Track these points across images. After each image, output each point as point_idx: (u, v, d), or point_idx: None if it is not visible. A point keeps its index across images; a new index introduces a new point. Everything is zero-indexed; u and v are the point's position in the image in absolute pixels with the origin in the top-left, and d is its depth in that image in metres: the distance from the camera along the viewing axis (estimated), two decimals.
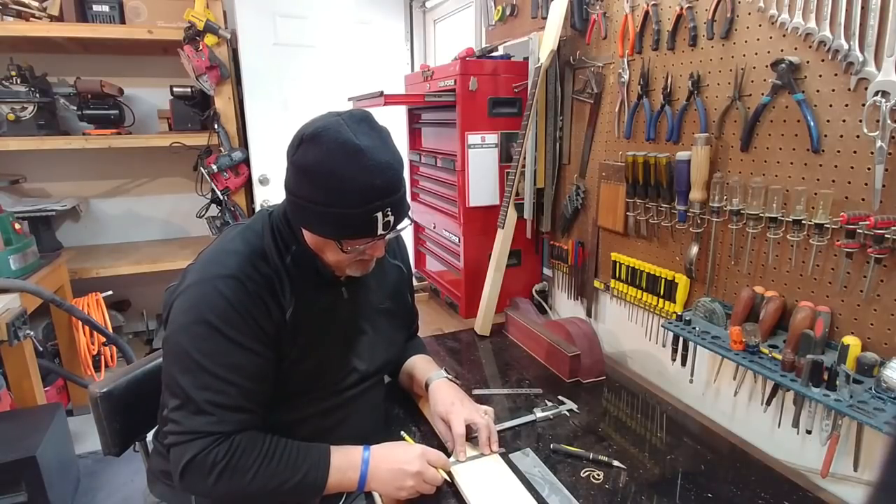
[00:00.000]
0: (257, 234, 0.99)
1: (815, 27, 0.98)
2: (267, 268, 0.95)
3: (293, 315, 0.96)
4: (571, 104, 1.73)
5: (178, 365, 0.90)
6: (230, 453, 0.88)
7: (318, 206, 0.89)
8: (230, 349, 0.90)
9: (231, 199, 2.77)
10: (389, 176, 0.89)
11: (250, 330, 0.91)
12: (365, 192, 0.87)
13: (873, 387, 0.91)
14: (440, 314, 2.01)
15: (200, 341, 0.89)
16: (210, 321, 0.89)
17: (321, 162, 0.86)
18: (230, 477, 0.88)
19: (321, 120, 0.89)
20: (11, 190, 2.85)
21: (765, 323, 1.09)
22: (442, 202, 2.04)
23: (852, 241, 0.93)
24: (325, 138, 0.86)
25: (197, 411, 0.88)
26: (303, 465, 0.92)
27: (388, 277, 1.18)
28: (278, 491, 0.91)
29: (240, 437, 0.90)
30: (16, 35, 2.41)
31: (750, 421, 1.21)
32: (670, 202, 1.32)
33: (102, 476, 2.22)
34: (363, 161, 0.85)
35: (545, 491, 0.99)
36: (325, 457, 0.94)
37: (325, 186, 0.87)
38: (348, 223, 0.89)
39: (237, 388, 0.90)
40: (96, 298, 2.53)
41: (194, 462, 0.87)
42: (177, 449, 0.89)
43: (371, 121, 0.91)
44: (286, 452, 0.92)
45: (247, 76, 2.70)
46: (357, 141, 0.85)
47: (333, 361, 1.05)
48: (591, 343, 1.44)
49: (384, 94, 1.75)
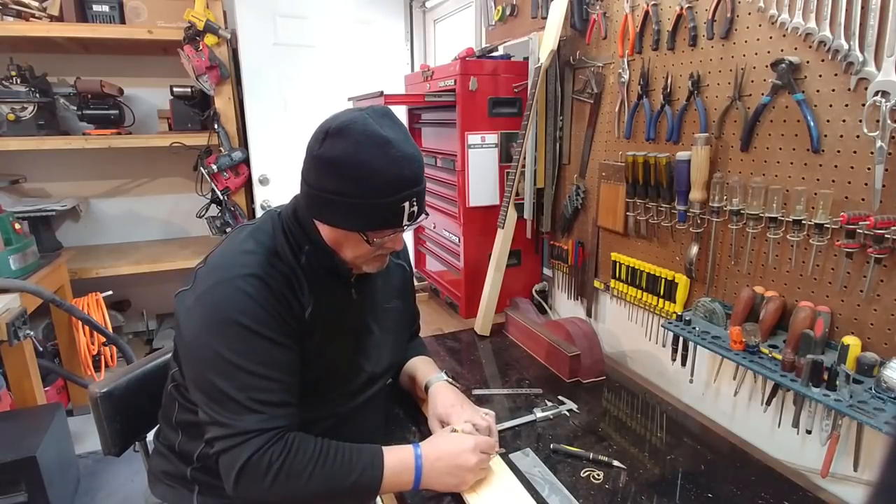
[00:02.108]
0: (268, 234, 0.98)
1: (815, 27, 0.97)
2: (284, 266, 0.95)
3: (311, 314, 0.96)
4: (571, 104, 1.73)
5: (214, 369, 0.87)
6: (285, 452, 0.86)
7: (346, 199, 0.89)
8: (264, 346, 0.89)
9: (231, 199, 2.77)
10: (416, 166, 0.91)
11: (279, 326, 0.91)
12: (395, 182, 0.88)
13: (873, 387, 0.91)
14: (440, 314, 2.01)
15: (234, 342, 0.87)
16: (240, 321, 0.87)
17: (351, 154, 0.86)
18: (286, 478, 0.86)
19: (345, 115, 0.90)
20: (11, 190, 2.85)
21: (765, 323, 1.09)
22: (442, 202, 2.04)
23: (852, 241, 0.93)
24: (352, 131, 0.87)
25: (244, 411, 0.86)
26: (357, 465, 0.90)
27: (393, 277, 1.19)
28: (334, 492, 0.89)
29: (292, 435, 0.89)
30: (16, 35, 2.41)
31: (750, 421, 1.21)
32: (670, 202, 1.32)
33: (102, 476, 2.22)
34: (392, 152, 0.87)
35: (545, 491, 0.99)
36: (378, 457, 0.92)
37: (356, 178, 0.87)
38: (377, 214, 0.90)
39: (279, 383, 0.89)
40: (96, 298, 2.53)
41: (249, 464, 0.84)
42: (229, 454, 0.86)
43: (393, 116, 0.93)
44: (339, 452, 0.91)
45: (247, 76, 2.70)
46: (385, 133, 0.87)
47: (343, 361, 1.05)
48: (591, 343, 1.44)
49: (384, 94, 1.75)
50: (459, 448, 0.97)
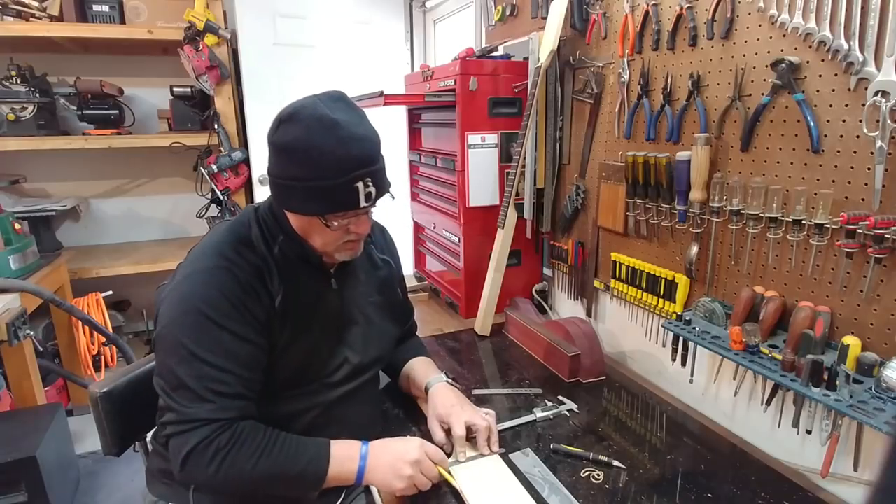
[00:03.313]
0: (244, 225, 1.01)
1: (815, 27, 0.98)
2: (254, 256, 0.97)
3: (282, 302, 0.98)
4: (571, 104, 1.73)
5: (173, 356, 0.90)
6: (232, 441, 0.88)
7: (300, 183, 0.91)
8: (225, 338, 0.91)
9: (231, 199, 2.77)
10: (367, 146, 0.92)
11: (242, 318, 0.93)
12: (345, 163, 0.89)
13: (873, 387, 0.91)
14: (440, 314, 2.01)
15: (194, 331, 0.90)
16: (202, 310, 0.90)
17: (300, 138, 0.89)
18: (232, 465, 0.88)
19: (299, 101, 0.92)
20: (11, 190, 2.85)
21: (765, 323, 1.09)
22: (442, 202, 2.04)
23: (852, 241, 0.93)
24: (302, 115, 0.89)
25: (197, 399, 0.89)
26: (304, 455, 0.93)
27: (378, 272, 1.20)
28: (279, 480, 0.91)
29: (242, 424, 0.91)
30: (16, 35, 2.41)
31: (750, 421, 1.21)
32: (670, 202, 1.32)
33: (102, 476, 2.22)
34: (340, 133, 0.89)
35: (545, 491, 0.99)
36: (325, 448, 0.95)
37: (306, 161, 0.90)
38: (331, 196, 0.92)
39: (234, 375, 0.91)
40: (96, 298, 2.53)
41: (196, 450, 0.87)
42: (178, 438, 0.89)
43: (347, 99, 0.95)
44: (287, 442, 0.93)
45: (247, 76, 2.70)
46: (334, 115, 0.89)
47: (323, 351, 1.06)
48: (591, 343, 1.44)
49: (384, 94, 1.75)
50: (405, 446, 0.98)
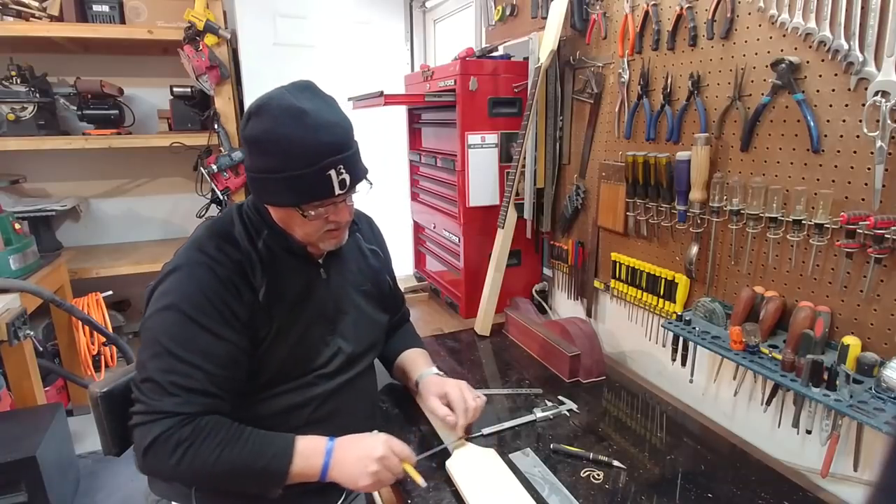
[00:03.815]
0: (227, 222, 1.02)
1: (815, 27, 0.98)
2: (237, 252, 0.97)
3: (266, 295, 0.97)
4: (571, 104, 1.73)
5: (148, 350, 0.92)
6: (194, 434, 0.89)
7: (273, 175, 0.91)
8: (197, 334, 0.91)
9: (231, 199, 2.76)
10: (337, 133, 0.92)
11: (220, 315, 0.93)
12: (313, 151, 0.89)
13: (873, 387, 0.91)
14: (440, 314, 2.01)
15: (169, 326, 0.91)
16: (179, 306, 0.91)
17: (268, 130, 0.89)
18: (194, 457, 0.88)
19: (266, 94, 0.92)
20: (11, 190, 2.85)
21: (765, 323, 1.09)
22: (442, 202, 2.04)
23: (852, 241, 0.93)
24: (270, 107, 0.89)
25: (162, 393, 0.89)
26: (268, 450, 0.92)
27: (367, 260, 1.20)
28: (242, 474, 0.91)
29: (206, 419, 0.91)
30: (16, 35, 2.41)
31: (750, 421, 1.21)
32: (670, 202, 1.32)
33: (102, 476, 2.22)
34: (308, 121, 0.88)
35: (545, 491, 0.99)
36: (290, 443, 0.94)
37: (276, 152, 0.90)
38: (304, 185, 0.92)
39: (203, 372, 0.91)
40: (96, 298, 2.53)
41: (158, 441, 0.88)
42: (141, 428, 0.90)
43: (314, 88, 0.95)
44: (251, 438, 0.93)
45: (247, 76, 2.70)
46: (300, 104, 0.89)
47: (313, 341, 1.05)
48: (591, 343, 1.44)
49: (384, 94, 1.75)
50: (371, 442, 0.96)
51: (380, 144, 2.76)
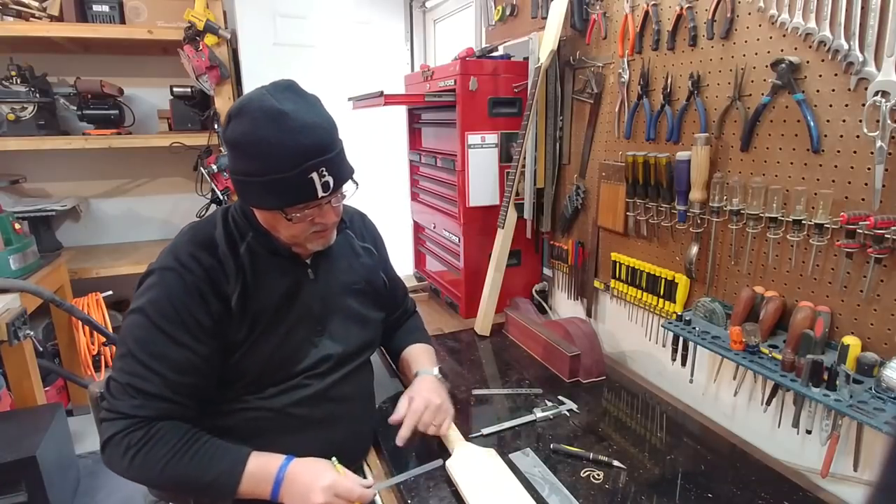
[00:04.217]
0: (209, 226, 1.01)
1: (815, 27, 0.98)
2: (210, 259, 0.96)
3: (240, 301, 0.96)
4: (571, 104, 1.73)
5: (119, 349, 0.95)
6: (145, 439, 0.89)
7: (254, 178, 0.90)
8: (158, 339, 0.91)
9: (231, 199, 2.76)
10: (319, 135, 0.90)
11: (182, 323, 0.92)
12: (294, 154, 0.88)
13: (873, 387, 0.91)
14: (440, 314, 2.01)
15: (136, 330, 0.93)
16: (145, 310, 0.92)
17: (248, 132, 0.88)
18: (142, 463, 0.88)
19: (246, 95, 0.91)
20: (11, 190, 2.85)
21: (765, 323, 1.09)
22: (442, 202, 2.04)
23: (852, 241, 0.93)
24: (249, 109, 0.88)
25: (122, 393, 0.91)
26: (215, 467, 0.91)
27: (360, 259, 1.18)
28: (188, 487, 0.92)
29: (160, 424, 0.90)
30: (16, 35, 2.40)
31: (750, 421, 1.21)
32: (670, 202, 1.32)
33: (102, 476, 2.22)
34: (288, 123, 0.87)
35: (545, 491, 0.99)
36: (240, 462, 0.91)
37: (256, 155, 0.88)
38: (286, 189, 0.90)
39: (160, 377, 0.91)
40: (96, 298, 2.53)
41: (113, 440, 0.89)
42: (103, 425, 0.92)
43: (296, 88, 0.93)
44: (202, 450, 0.91)
45: (247, 76, 2.70)
46: (280, 106, 0.87)
47: (298, 343, 1.03)
48: (591, 343, 1.44)
49: (384, 94, 1.75)
50: (317, 482, 0.91)
51: (380, 144, 2.76)
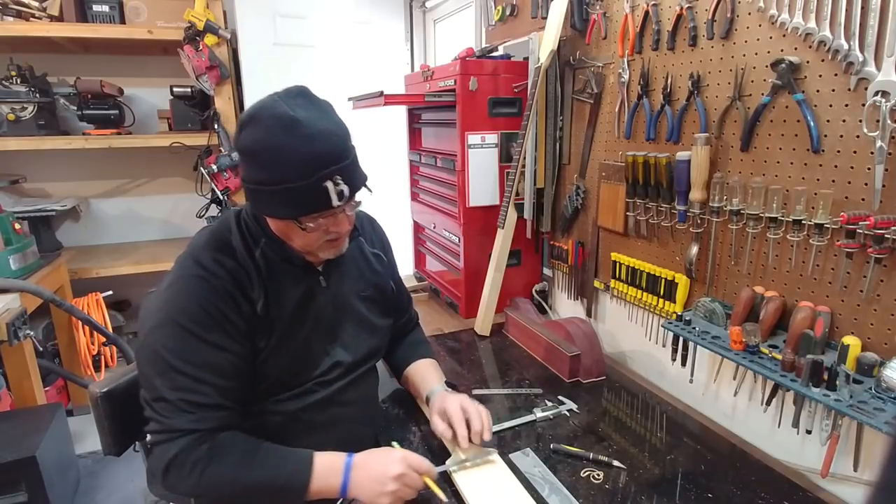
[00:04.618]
0: (225, 230, 0.99)
1: (815, 27, 0.98)
2: (233, 263, 0.94)
3: (264, 307, 0.96)
4: (571, 104, 1.73)
5: (152, 368, 0.90)
6: (212, 452, 0.88)
7: (268, 187, 0.88)
8: (200, 348, 0.89)
9: (231, 199, 2.76)
10: (333, 143, 0.89)
11: (220, 327, 0.91)
12: (308, 162, 0.86)
13: (873, 387, 0.91)
14: (440, 314, 2.01)
15: (172, 342, 0.89)
16: (179, 321, 0.89)
17: (261, 140, 0.86)
18: (213, 476, 0.87)
19: (259, 101, 0.89)
20: (11, 190, 2.85)
21: (765, 323, 1.09)
22: (442, 202, 2.04)
23: (852, 241, 0.93)
24: (262, 117, 0.86)
25: (175, 411, 0.88)
26: (285, 470, 0.91)
27: (370, 265, 1.17)
28: (261, 492, 0.91)
29: (223, 435, 0.90)
30: (16, 35, 2.40)
31: (750, 421, 1.21)
32: (670, 202, 1.32)
33: (102, 476, 2.22)
34: (301, 131, 0.85)
35: (545, 491, 0.99)
36: (308, 460, 0.93)
37: (270, 164, 0.87)
38: (300, 198, 0.89)
39: (211, 386, 0.90)
40: (96, 298, 2.53)
41: (176, 461, 0.87)
42: (159, 448, 0.89)
43: (308, 94, 0.92)
44: (269, 454, 0.92)
45: (247, 76, 2.70)
46: (293, 113, 0.85)
47: (313, 351, 1.04)
48: (591, 343, 1.44)
49: (384, 94, 1.75)
50: (388, 458, 0.95)
51: (380, 144, 2.76)
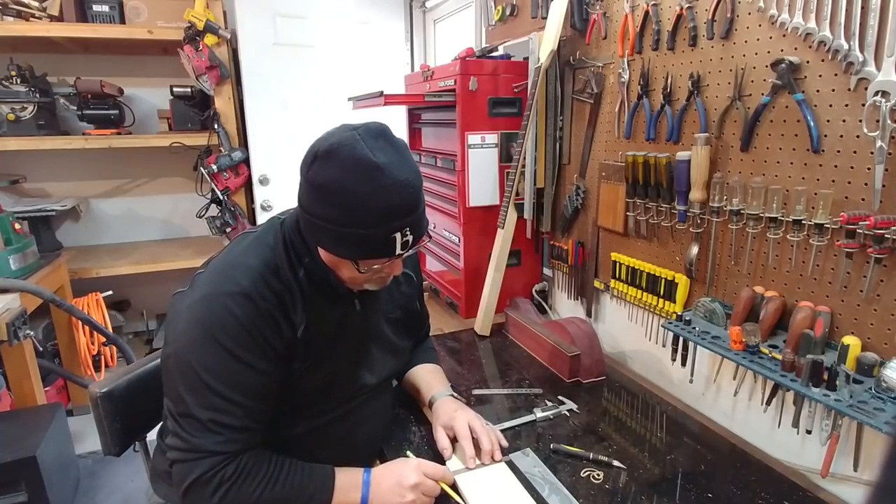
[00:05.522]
0: (269, 246, 0.95)
1: (815, 27, 0.98)
2: (279, 284, 0.91)
3: (305, 331, 0.94)
4: (571, 104, 1.73)
5: (185, 382, 0.87)
6: (236, 474, 0.87)
7: (333, 226, 0.85)
8: (238, 369, 0.87)
9: (231, 199, 2.77)
10: (410, 195, 0.85)
11: (259, 349, 0.88)
12: (384, 213, 0.83)
13: (873, 387, 0.91)
14: (440, 314, 2.01)
15: (209, 360, 0.86)
16: (219, 339, 0.86)
17: (337, 180, 0.82)
18: (236, 496, 0.86)
19: (336, 135, 0.85)
20: (11, 190, 2.85)
21: (765, 323, 1.09)
22: (442, 202, 2.04)
23: (852, 241, 0.93)
24: (340, 155, 0.82)
25: (203, 430, 0.86)
26: (308, 487, 0.91)
27: (400, 287, 1.15)
28: None
29: (246, 457, 0.89)
30: (16, 35, 2.41)
31: (750, 421, 1.21)
32: (670, 202, 1.32)
33: (102, 476, 2.22)
34: (381, 180, 0.82)
35: (545, 491, 0.99)
36: (329, 478, 0.93)
37: (342, 206, 0.83)
38: (366, 244, 0.86)
39: (243, 408, 0.88)
40: (96, 298, 2.53)
41: (200, 481, 0.85)
42: (182, 466, 0.87)
43: (388, 135, 0.87)
44: (291, 474, 0.91)
45: (247, 76, 2.70)
46: (374, 158, 0.81)
47: (343, 374, 1.03)
48: (591, 343, 1.44)
49: (384, 94, 1.75)
50: (403, 469, 0.96)
51: None
